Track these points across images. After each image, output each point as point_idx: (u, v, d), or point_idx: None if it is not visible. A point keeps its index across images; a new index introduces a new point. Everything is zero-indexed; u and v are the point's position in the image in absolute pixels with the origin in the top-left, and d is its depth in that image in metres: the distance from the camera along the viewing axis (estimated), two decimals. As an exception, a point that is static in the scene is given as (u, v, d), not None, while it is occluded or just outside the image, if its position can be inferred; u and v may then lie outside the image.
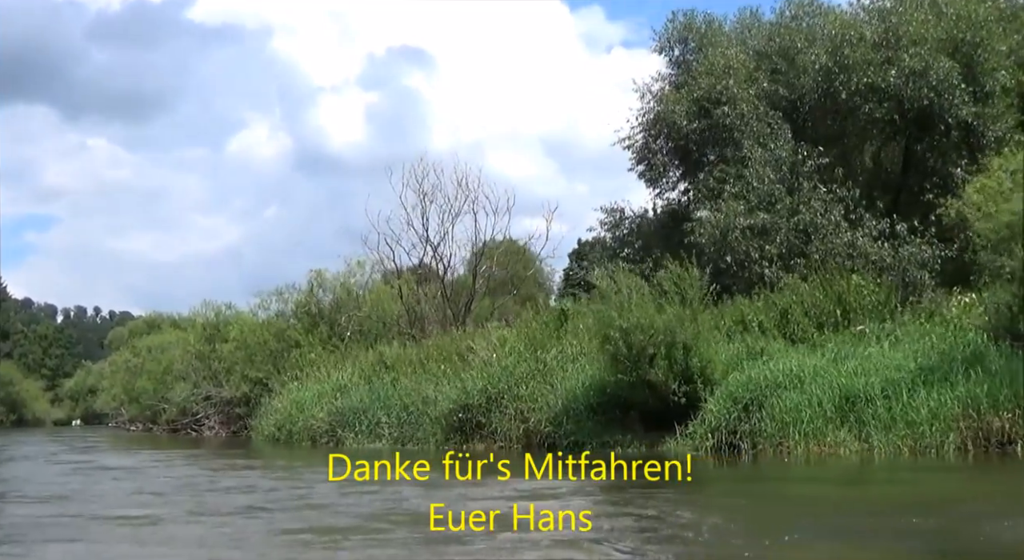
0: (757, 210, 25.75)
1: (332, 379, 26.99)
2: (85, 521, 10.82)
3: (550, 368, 19.73)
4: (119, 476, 17.85)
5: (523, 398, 19.20)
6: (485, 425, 19.81)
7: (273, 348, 33.19)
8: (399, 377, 24.22)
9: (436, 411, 20.91)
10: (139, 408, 48.35)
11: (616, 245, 31.79)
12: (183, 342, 41.61)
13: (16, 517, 11.39)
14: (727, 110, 27.63)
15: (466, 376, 21.29)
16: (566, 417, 18.07)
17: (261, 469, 19.31)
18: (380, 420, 22.70)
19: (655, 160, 30.25)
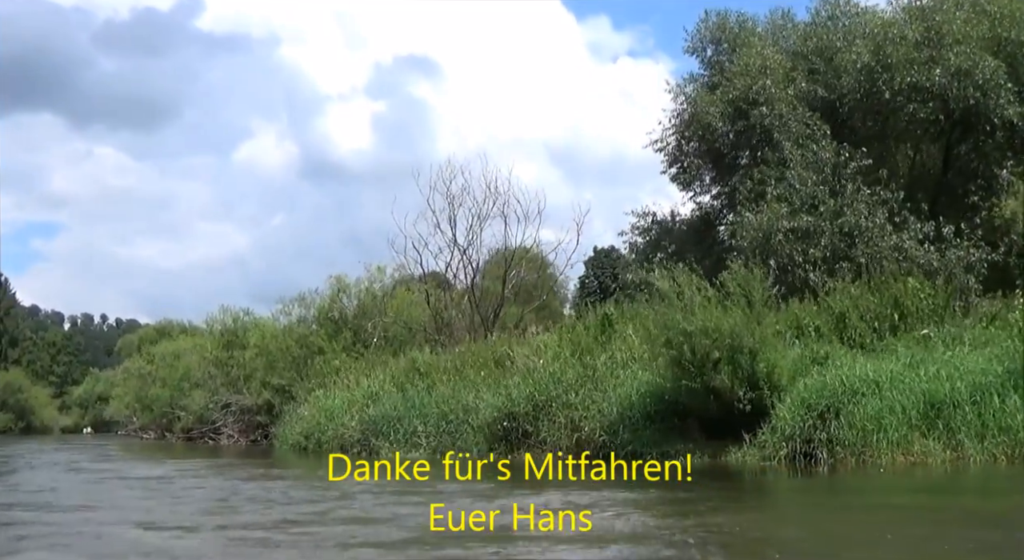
0: (800, 213, 24.85)
1: (362, 386, 25.99)
2: (139, 533, 9.85)
3: (600, 374, 18.74)
4: (153, 486, 16.86)
5: (574, 405, 18.20)
6: (532, 434, 18.81)
7: (296, 355, 32.20)
8: (434, 384, 23.22)
9: (478, 419, 19.92)
10: (152, 416, 47.31)
11: (648, 249, 30.85)
12: (200, 349, 40.59)
13: (60, 527, 10.40)
14: (765, 111, 26.74)
15: (508, 383, 20.31)
16: (622, 425, 17.07)
17: (296, 479, 18.33)
18: (416, 429, 21.68)
19: (688, 163, 29.37)
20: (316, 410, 26.43)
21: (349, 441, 23.59)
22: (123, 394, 50.95)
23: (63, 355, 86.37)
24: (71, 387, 79.06)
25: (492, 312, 30.75)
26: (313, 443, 25.40)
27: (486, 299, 32.70)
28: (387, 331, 31.23)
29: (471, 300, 30.49)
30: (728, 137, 28.06)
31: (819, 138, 25.99)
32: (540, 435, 18.63)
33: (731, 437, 16.45)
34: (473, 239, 30.49)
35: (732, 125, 27.89)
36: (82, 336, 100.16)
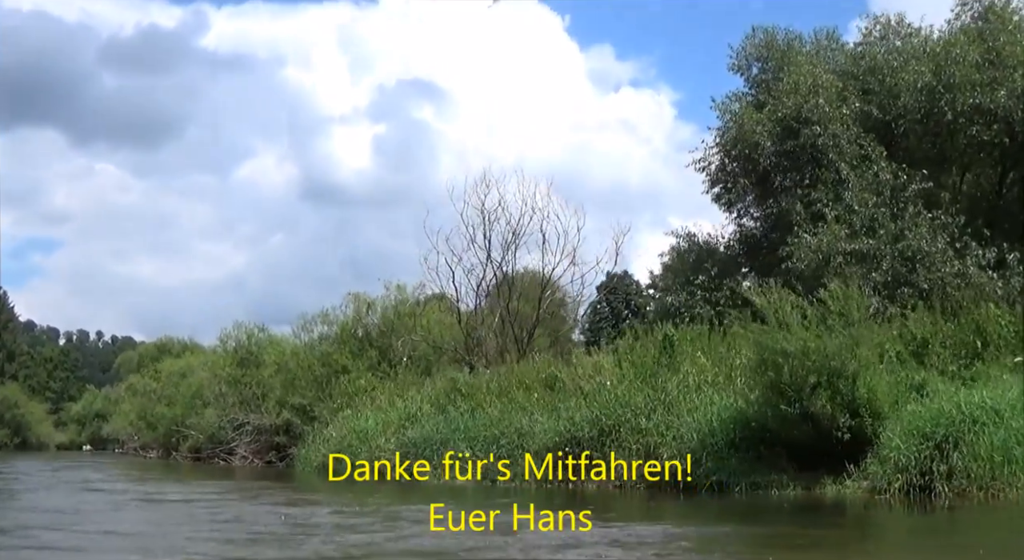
0: (860, 235, 23.56)
1: (396, 407, 24.43)
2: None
3: (672, 398, 17.26)
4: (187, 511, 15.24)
5: (647, 431, 16.70)
6: (598, 461, 17.28)
7: (318, 373, 30.60)
8: (478, 406, 21.69)
9: (535, 444, 18.38)
10: (156, 434, 45.48)
11: (689, 272, 29.49)
12: (212, 366, 38.87)
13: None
14: (817, 130, 25.52)
15: (568, 405, 18.83)
16: (704, 454, 15.58)
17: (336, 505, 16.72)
18: (463, 453, 20.11)
19: (732, 183, 28.07)
20: (346, 431, 24.82)
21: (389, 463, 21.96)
22: (127, 411, 49.06)
23: (60, 371, 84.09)
24: (67, 403, 76.84)
25: (526, 334, 29.24)
26: (344, 466, 23.71)
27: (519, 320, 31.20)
28: (415, 350, 29.70)
29: (506, 320, 28.97)
30: (775, 157, 26.81)
31: (876, 159, 24.79)
32: (608, 462, 17.10)
33: (824, 468, 15.03)
34: (508, 256, 29.03)
35: (780, 144, 26.65)
36: (78, 352, 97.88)
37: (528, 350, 28.47)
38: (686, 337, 20.14)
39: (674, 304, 28.62)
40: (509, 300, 28.86)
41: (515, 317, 28.75)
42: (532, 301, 30.29)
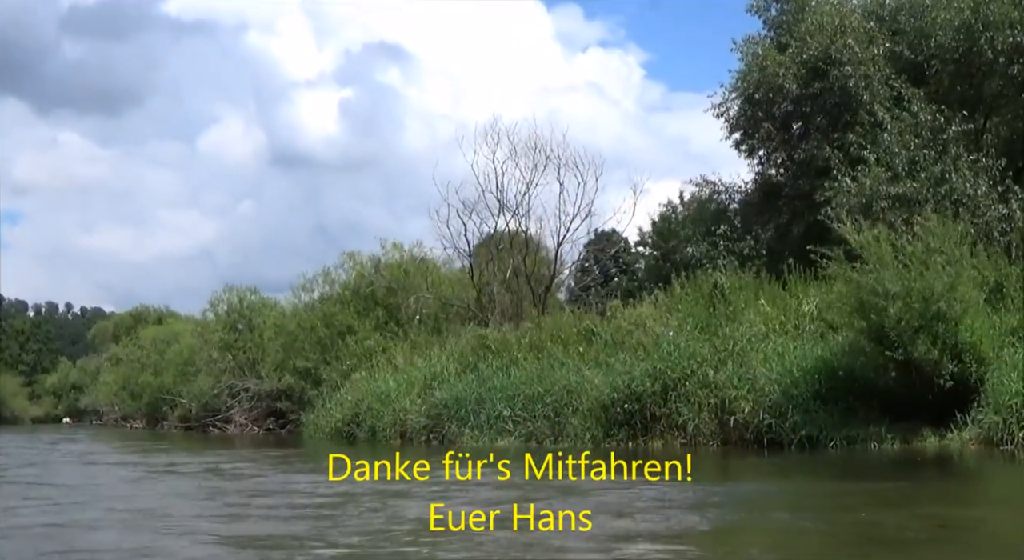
0: (902, 178, 22.19)
1: (418, 366, 22.76)
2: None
3: (741, 348, 15.80)
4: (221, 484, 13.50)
5: (719, 385, 15.22)
6: (661, 417, 15.81)
7: (321, 335, 28.77)
8: (512, 363, 20.12)
9: (588, 402, 16.85)
10: (140, 404, 43.40)
11: (709, 220, 28.02)
12: (203, 331, 36.87)
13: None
14: (849, 70, 24.04)
15: (620, 359, 17.31)
16: (791, 407, 14.14)
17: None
18: (501, 413, 18.55)
19: (755, 128, 26.48)
20: (363, 394, 23.10)
21: (414, 428, 20.35)
22: (111, 381, 46.80)
23: (32, 343, 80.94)
24: (41, 376, 74.03)
25: (544, 288, 27.65)
26: (365, 431, 22.06)
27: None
28: (427, 308, 27.98)
29: (521, 274, 27.29)
30: (799, 100, 25.31)
31: (912, 100, 23.38)
32: (673, 419, 15.63)
33: (920, 419, 13.69)
34: (522, 207, 27.29)
35: (805, 87, 25.15)
36: (50, 324, 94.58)
37: (546, 306, 26.90)
38: (735, 286, 18.66)
39: (695, 255, 27.21)
40: (526, 253, 27.18)
41: (532, 271, 27.11)
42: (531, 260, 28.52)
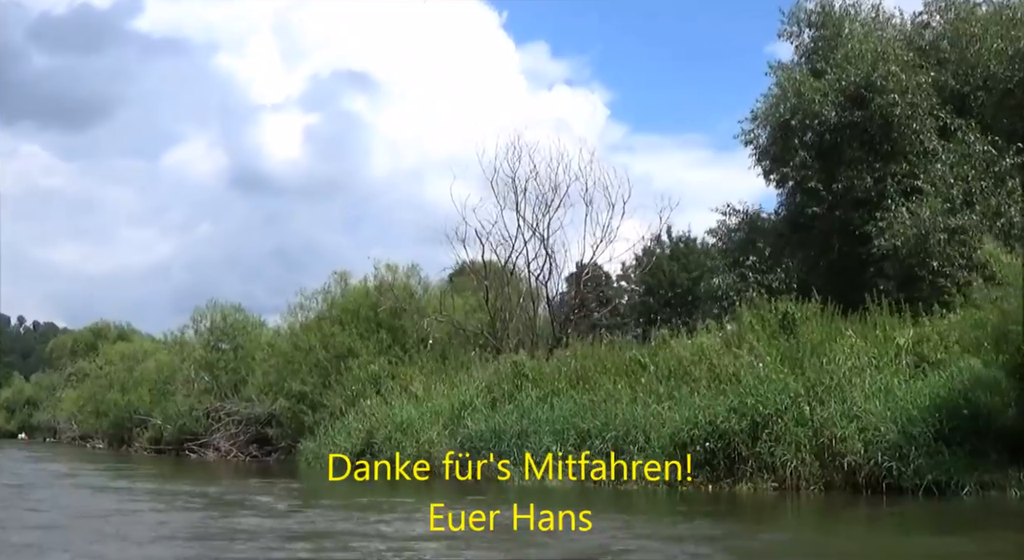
0: (958, 210, 20.87)
1: (438, 393, 20.70)
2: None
3: (838, 383, 14.05)
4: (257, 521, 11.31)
5: (821, 422, 13.44)
6: (749, 458, 13.97)
7: (320, 357, 26.48)
8: (554, 393, 18.15)
9: (660, 439, 14.93)
10: (105, 423, 40.32)
11: (735, 251, 26.45)
12: (182, 348, 34.26)
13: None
14: (895, 98, 22.76)
15: (693, 392, 15.48)
16: (913, 448, 12.40)
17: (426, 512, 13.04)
18: (550, 449, 16.53)
19: (791, 156, 24.94)
20: (377, 422, 20.90)
21: (442, 461, 18.22)
22: (75, 398, 43.58)
23: (-18, 356, 76.78)
24: (-9, 391, 69.77)
25: (564, 318, 25.79)
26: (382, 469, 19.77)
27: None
28: (436, 333, 25.91)
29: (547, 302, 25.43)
30: (842, 128, 23.94)
31: (965, 130, 22.17)
32: (764, 459, 13.79)
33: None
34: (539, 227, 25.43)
35: (844, 115, 23.81)
36: (2, 337, 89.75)
37: (568, 336, 25.01)
38: (805, 317, 16.98)
39: (721, 286, 25.60)
40: (548, 278, 25.33)
41: (556, 298, 25.26)
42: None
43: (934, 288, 19.66)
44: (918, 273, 20.57)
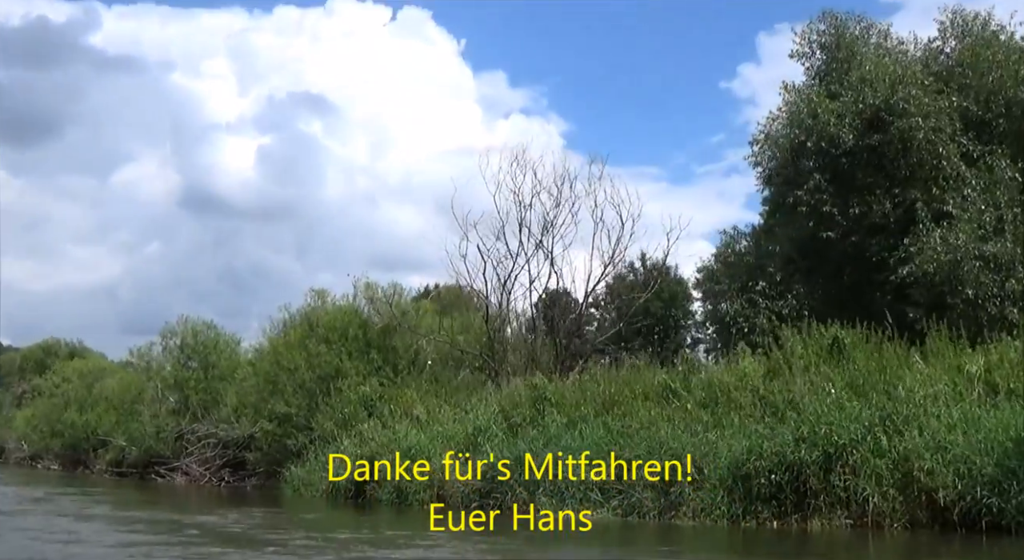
0: (991, 237, 20.04)
1: (445, 417, 19.13)
2: None
3: (914, 412, 12.86)
4: None
5: (904, 454, 12.20)
6: (821, 492, 12.66)
7: (306, 378, 24.68)
8: (580, 419, 16.71)
9: (718, 471, 13.57)
10: (60, 443, 37.68)
11: (744, 276, 25.36)
12: (149, 368, 32.10)
13: None
14: (919, 122, 21.97)
15: (759, 421, 14.18)
16: (1014, 483, 11.20)
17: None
18: (583, 478, 15.07)
19: (803, 180, 23.96)
20: (378, 448, 19.21)
21: (463, 492, 16.62)
22: (29, 417, 40.79)
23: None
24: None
25: (568, 340, 24.39)
26: (387, 492, 18.12)
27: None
28: (428, 355, 24.33)
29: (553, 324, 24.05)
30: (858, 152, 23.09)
31: (996, 155, 21.47)
32: (837, 494, 12.50)
33: None
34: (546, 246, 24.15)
35: (862, 139, 22.98)
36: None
37: (570, 360, 23.65)
38: (856, 343, 15.86)
39: (728, 313, 24.49)
40: (551, 303, 23.96)
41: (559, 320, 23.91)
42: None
43: (965, 317, 18.76)
44: (949, 301, 19.65)
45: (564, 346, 23.88)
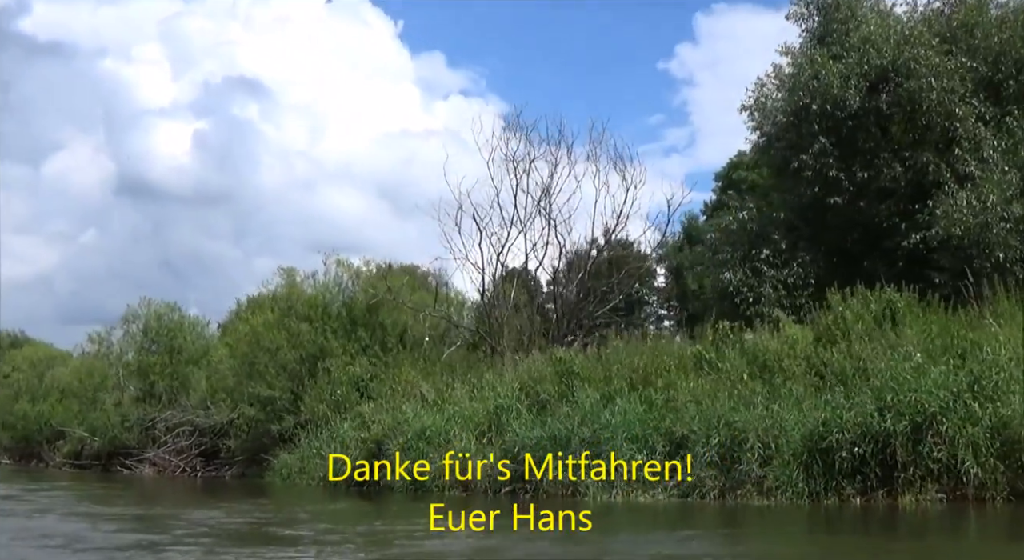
0: (1020, 198, 19.21)
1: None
2: None
3: (1005, 378, 11.79)
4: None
5: (1003, 421, 11.13)
6: (910, 465, 11.53)
7: (288, 359, 22.90)
8: (617, 394, 15.36)
9: (791, 445, 12.35)
10: (11, 437, 35.09)
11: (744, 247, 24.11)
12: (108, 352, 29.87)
13: None
14: (932, 82, 21.04)
15: (840, 391, 12.97)
16: None
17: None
18: (630, 458, 13.75)
19: (807, 144, 22.86)
20: (385, 431, 17.62)
21: (489, 476, 15.15)
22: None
23: None
24: None
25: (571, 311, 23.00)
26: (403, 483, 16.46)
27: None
28: (425, 331, 22.76)
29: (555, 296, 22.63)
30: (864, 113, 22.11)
31: (1017, 116, 20.64)
32: (928, 465, 11.39)
33: None
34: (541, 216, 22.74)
35: (868, 101, 22.01)
36: None
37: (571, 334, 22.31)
38: (908, 307, 14.81)
39: (731, 283, 23.31)
40: (557, 268, 22.58)
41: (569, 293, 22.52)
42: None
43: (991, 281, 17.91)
44: (976, 265, 18.76)
45: (567, 320, 22.46)
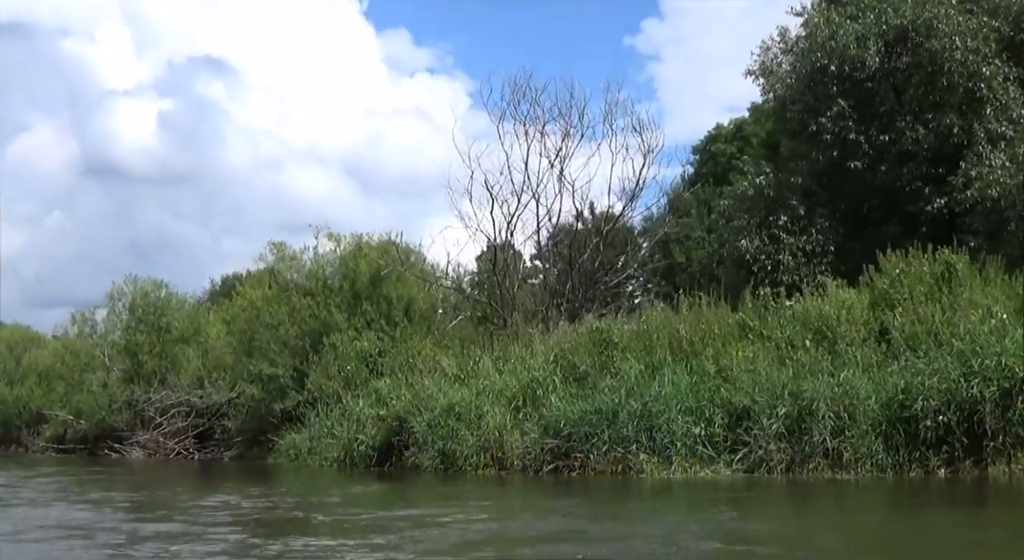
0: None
1: (479, 370, 16.62)
2: None
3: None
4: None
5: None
6: (1000, 434, 10.80)
7: (289, 334, 21.74)
8: (657, 365, 14.49)
9: (868, 415, 11.56)
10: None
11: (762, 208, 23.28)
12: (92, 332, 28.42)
13: None
14: (956, 42, 20.33)
15: (916, 356, 12.18)
16: None
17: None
18: (686, 431, 12.91)
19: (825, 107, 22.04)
20: (407, 408, 16.60)
21: (533, 452, 14.23)
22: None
23: None
24: None
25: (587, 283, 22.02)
26: (431, 457, 15.47)
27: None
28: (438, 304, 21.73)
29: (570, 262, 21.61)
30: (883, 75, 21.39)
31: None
32: (1020, 434, 10.67)
33: None
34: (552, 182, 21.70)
35: (888, 61, 21.28)
36: None
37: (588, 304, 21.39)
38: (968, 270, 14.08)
39: (748, 250, 22.51)
40: (573, 240, 21.58)
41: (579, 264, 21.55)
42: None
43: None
44: (1012, 228, 18.16)
45: (583, 289, 21.51)
